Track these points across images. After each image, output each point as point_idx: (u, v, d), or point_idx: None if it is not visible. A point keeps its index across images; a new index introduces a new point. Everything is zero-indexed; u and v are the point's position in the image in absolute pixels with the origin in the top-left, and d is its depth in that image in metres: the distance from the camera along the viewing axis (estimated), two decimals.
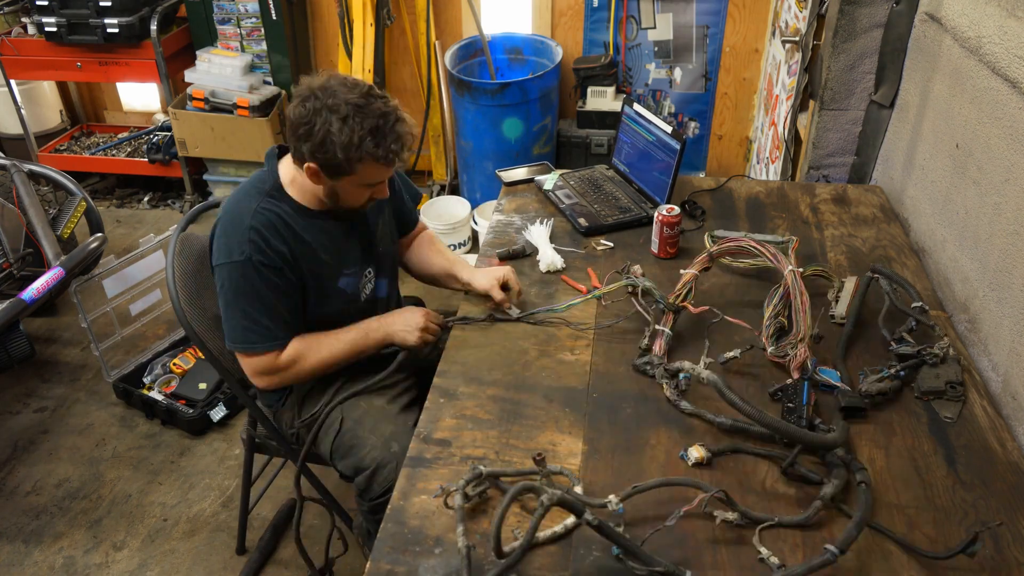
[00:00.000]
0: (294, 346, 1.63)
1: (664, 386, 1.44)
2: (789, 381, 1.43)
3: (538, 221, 1.95)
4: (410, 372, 1.83)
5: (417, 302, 2.09)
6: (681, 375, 1.43)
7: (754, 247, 1.60)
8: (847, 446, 1.30)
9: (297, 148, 1.50)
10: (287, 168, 1.62)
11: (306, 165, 1.51)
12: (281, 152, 1.67)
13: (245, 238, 1.55)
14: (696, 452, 1.29)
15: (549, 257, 1.82)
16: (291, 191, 1.62)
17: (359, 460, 1.63)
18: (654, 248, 1.86)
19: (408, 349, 1.66)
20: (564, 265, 1.82)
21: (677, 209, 1.81)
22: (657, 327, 1.54)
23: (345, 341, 1.66)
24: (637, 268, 1.68)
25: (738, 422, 1.36)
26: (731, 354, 1.47)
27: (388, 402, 1.72)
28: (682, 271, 1.62)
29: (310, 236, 1.62)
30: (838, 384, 1.42)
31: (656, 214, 1.81)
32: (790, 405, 1.38)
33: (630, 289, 1.63)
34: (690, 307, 1.55)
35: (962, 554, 1.11)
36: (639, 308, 1.60)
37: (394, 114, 1.50)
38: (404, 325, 1.66)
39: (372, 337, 1.67)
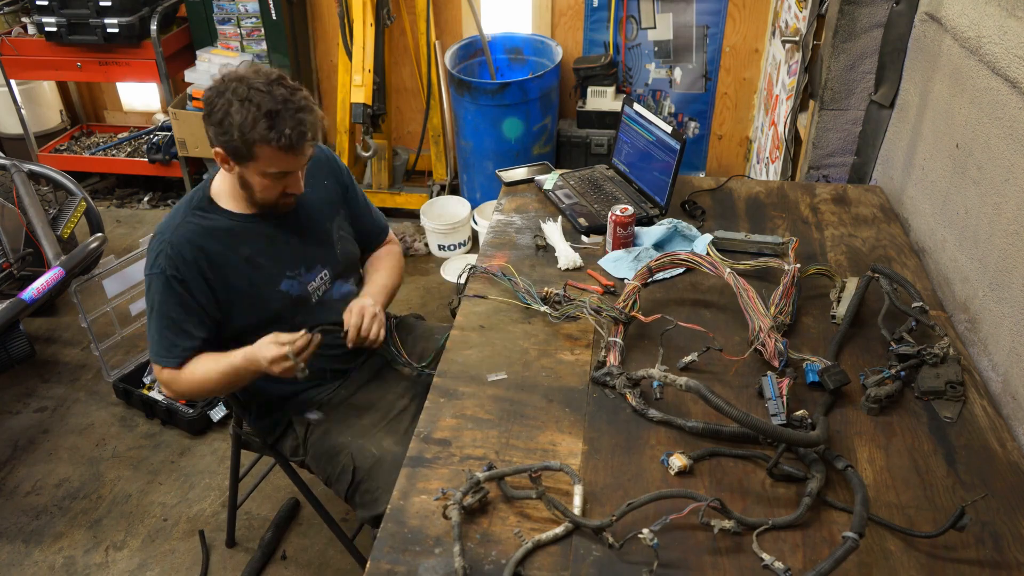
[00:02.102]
0: (189, 364, 1.63)
1: (628, 395, 1.43)
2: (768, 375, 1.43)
3: (549, 219, 1.94)
4: (411, 400, 1.80)
5: (418, 318, 2.08)
6: (655, 383, 1.40)
7: (691, 260, 1.65)
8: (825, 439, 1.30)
9: (207, 133, 1.53)
10: (220, 179, 1.66)
11: (214, 150, 1.55)
12: None
13: (161, 251, 1.59)
14: (678, 461, 1.28)
15: (568, 255, 1.82)
16: (222, 201, 1.65)
17: (380, 514, 1.57)
18: (608, 248, 1.87)
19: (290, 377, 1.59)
20: (582, 263, 1.82)
21: (631, 209, 1.82)
22: (610, 339, 1.53)
23: (227, 364, 1.62)
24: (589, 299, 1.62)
25: (710, 425, 1.35)
26: (689, 358, 1.48)
27: (397, 443, 1.68)
28: (626, 281, 1.65)
29: (244, 242, 1.64)
30: (818, 375, 1.43)
31: (610, 214, 1.83)
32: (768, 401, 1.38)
33: (580, 313, 1.60)
34: (640, 316, 1.56)
35: (952, 529, 1.13)
36: (592, 322, 1.58)
37: (297, 102, 1.50)
38: (264, 358, 1.57)
39: (251, 368, 1.60)
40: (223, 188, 1.66)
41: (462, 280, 1.77)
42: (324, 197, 1.79)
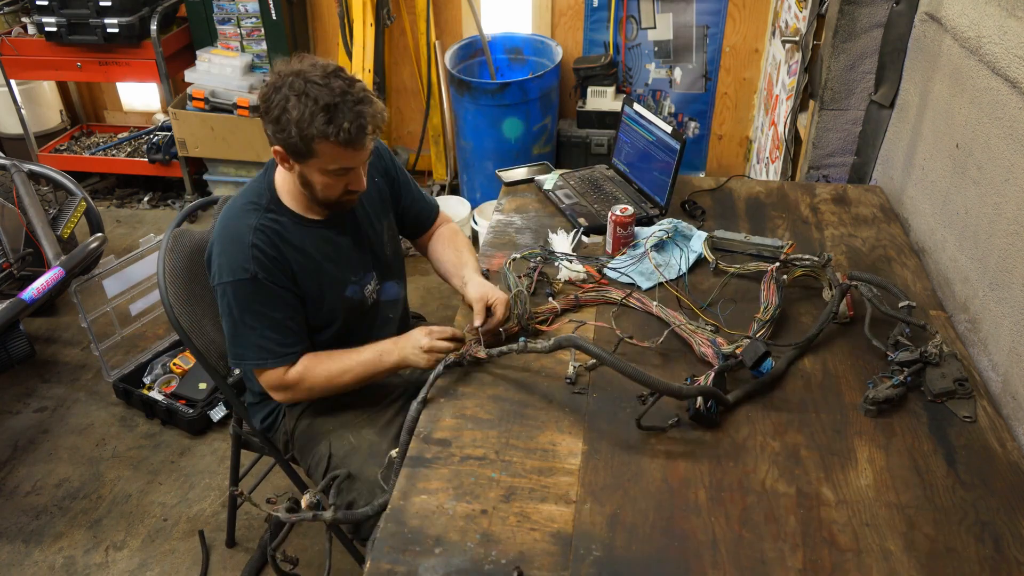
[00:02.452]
0: (303, 362, 1.60)
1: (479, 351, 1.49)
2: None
3: (561, 231, 1.91)
4: (400, 395, 1.79)
5: (420, 319, 2.08)
6: (572, 365, 1.49)
7: (620, 298, 1.68)
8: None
9: (266, 131, 1.49)
10: (282, 179, 1.60)
11: (273, 149, 1.50)
12: None
13: (249, 255, 1.52)
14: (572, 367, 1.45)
15: (569, 269, 1.77)
16: (287, 202, 1.60)
17: (350, 503, 1.58)
18: (608, 248, 1.86)
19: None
20: (586, 276, 1.76)
21: (631, 209, 1.81)
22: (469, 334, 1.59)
23: (358, 361, 1.60)
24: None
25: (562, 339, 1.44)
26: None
27: (377, 433, 1.69)
28: (551, 299, 1.68)
29: (312, 247, 1.60)
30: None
31: (609, 214, 1.82)
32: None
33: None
34: (543, 328, 1.62)
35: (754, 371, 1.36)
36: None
37: (355, 95, 1.44)
38: (413, 347, 1.56)
39: (386, 360, 1.60)
40: (286, 188, 1.60)
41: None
42: (376, 197, 1.74)
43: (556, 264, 1.78)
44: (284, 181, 1.60)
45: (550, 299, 1.68)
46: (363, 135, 1.45)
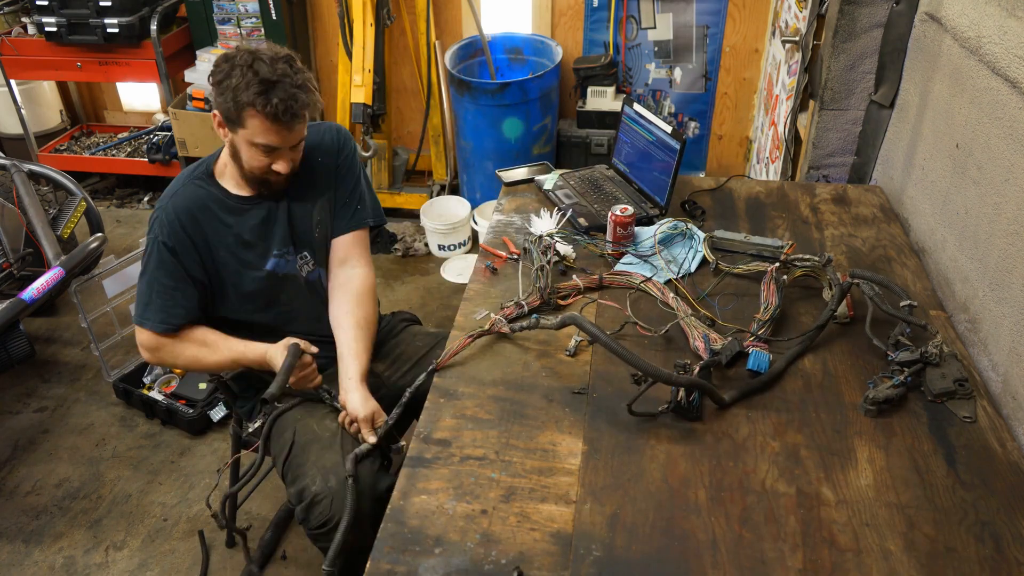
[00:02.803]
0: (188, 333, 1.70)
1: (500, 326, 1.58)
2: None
3: (544, 213, 1.93)
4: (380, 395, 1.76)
5: (413, 319, 2.08)
6: (574, 339, 1.57)
7: (642, 285, 1.72)
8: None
9: (211, 97, 1.58)
10: (223, 156, 1.70)
11: (212, 113, 1.59)
12: None
13: (158, 217, 1.65)
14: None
15: (545, 223, 1.85)
16: (223, 180, 1.70)
17: (301, 489, 1.59)
18: (608, 248, 1.86)
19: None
20: (575, 254, 1.84)
21: (631, 209, 1.82)
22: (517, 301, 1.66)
23: (230, 352, 1.71)
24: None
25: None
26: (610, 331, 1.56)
27: (339, 424, 1.69)
28: (575, 277, 1.73)
29: (234, 220, 1.68)
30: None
31: (609, 214, 1.83)
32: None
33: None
34: (563, 303, 1.69)
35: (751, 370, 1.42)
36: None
37: (295, 78, 1.53)
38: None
39: (251, 362, 1.71)
40: (223, 162, 1.70)
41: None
42: (314, 176, 1.78)
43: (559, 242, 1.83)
44: (223, 156, 1.70)
45: (574, 277, 1.73)
46: (290, 116, 1.53)
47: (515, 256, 1.81)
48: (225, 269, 1.70)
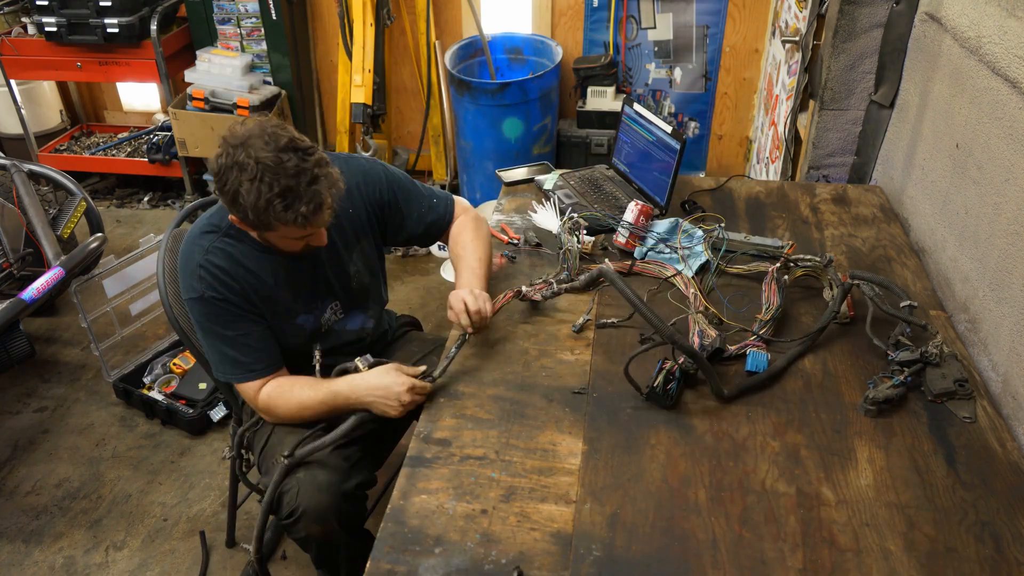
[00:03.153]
0: (268, 391, 1.59)
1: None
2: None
3: (547, 204, 1.94)
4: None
5: (413, 322, 2.07)
6: (583, 317, 1.64)
7: (657, 267, 1.79)
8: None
9: (222, 200, 1.47)
10: None
11: (230, 216, 1.49)
12: None
13: (196, 275, 1.54)
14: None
15: (551, 221, 1.88)
16: (243, 234, 1.58)
17: (270, 481, 1.56)
18: (621, 239, 1.86)
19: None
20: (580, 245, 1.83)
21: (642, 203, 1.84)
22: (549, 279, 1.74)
23: (319, 401, 1.56)
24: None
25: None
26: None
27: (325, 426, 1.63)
28: (606, 261, 1.75)
29: (266, 273, 1.59)
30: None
31: (633, 203, 1.86)
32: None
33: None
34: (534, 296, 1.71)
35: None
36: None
37: (309, 173, 1.40)
38: (384, 397, 1.49)
39: (342, 405, 1.54)
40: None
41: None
42: (347, 226, 1.70)
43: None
44: None
45: (606, 261, 1.76)
46: (319, 212, 1.44)
47: (515, 241, 1.87)
48: (263, 317, 1.62)
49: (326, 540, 1.60)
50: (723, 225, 1.86)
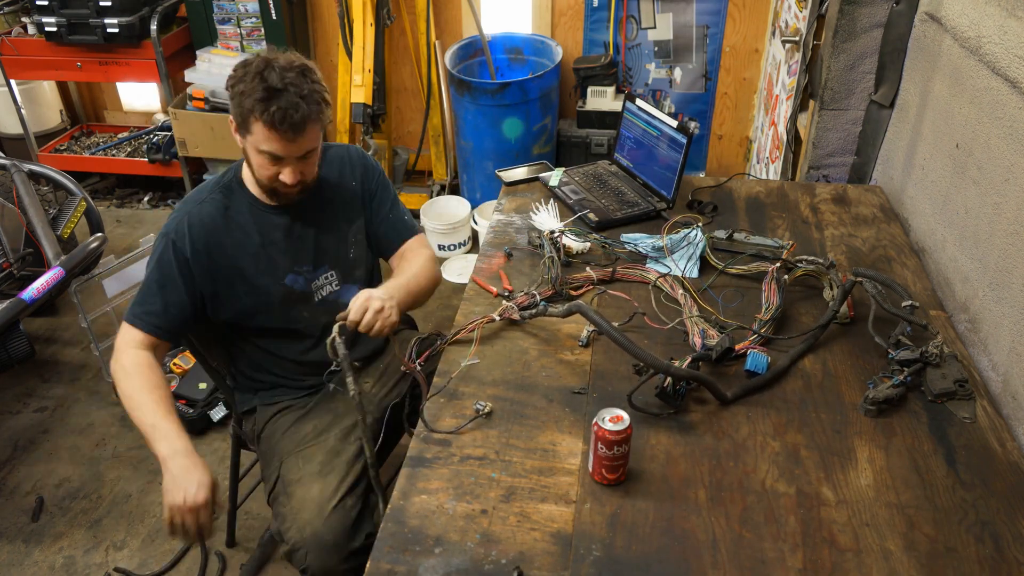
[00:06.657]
0: (135, 353, 1.57)
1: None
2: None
3: (549, 206, 1.93)
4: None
5: (409, 322, 2.07)
6: (539, 305, 1.61)
7: (640, 271, 1.77)
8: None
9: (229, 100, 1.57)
10: (246, 163, 1.68)
11: (229, 118, 1.58)
12: None
13: (177, 218, 1.63)
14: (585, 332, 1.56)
15: (549, 221, 1.86)
16: (248, 183, 1.68)
17: (281, 531, 1.57)
18: (589, 467, 1.28)
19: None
20: (587, 247, 1.85)
21: (626, 420, 1.22)
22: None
23: (142, 413, 1.52)
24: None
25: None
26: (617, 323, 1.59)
27: (329, 455, 1.64)
28: (588, 269, 1.76)
29: (256, 229, 1.66)
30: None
31: (594, 425, 1.23)
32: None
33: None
34: (575, 293, 1.71)
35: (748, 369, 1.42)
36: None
37: (302, 89, 1.50)
38: (180, 487, 1.43)
39: (152, 445, 1.49)
40: (248, 173, 1.68)
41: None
42: (348, 198, 1.76)
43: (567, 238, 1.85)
44: (247, 166, 1.67)
45: (587, 268, 1.76)
46: (288, 126, 1.49)
47: (507, 292, 1.72)
48: (241, 277, 1.65)
49: None
50: (725, 227, 1.86)
